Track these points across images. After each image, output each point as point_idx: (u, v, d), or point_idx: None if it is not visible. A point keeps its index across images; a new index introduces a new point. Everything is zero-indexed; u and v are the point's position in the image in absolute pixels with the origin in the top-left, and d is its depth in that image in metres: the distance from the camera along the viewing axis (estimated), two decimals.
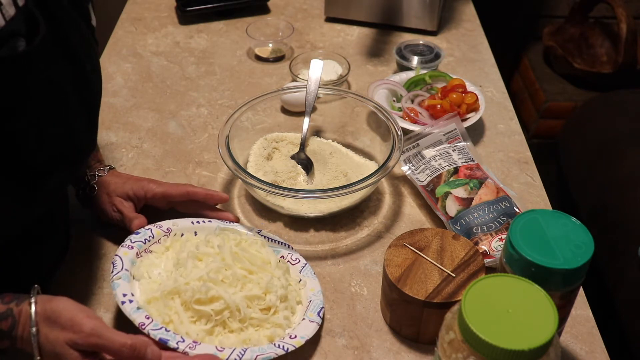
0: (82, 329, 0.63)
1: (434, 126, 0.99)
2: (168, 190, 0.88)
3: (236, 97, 1.19)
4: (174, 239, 0.85)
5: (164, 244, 0.84)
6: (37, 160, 0.65)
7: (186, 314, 0.74)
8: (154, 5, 1.46)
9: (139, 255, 0.81)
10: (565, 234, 0.66)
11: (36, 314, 0.64)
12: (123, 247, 0.81)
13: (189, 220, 0.87)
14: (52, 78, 0.64)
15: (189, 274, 0.76)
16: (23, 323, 0.64)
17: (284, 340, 0.73)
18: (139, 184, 0.88)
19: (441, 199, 0.91)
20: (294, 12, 1.45)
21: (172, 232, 0.85)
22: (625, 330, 1.25)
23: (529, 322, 0.56)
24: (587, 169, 1.57)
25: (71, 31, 0.68)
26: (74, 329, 0.63)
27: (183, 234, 0.86)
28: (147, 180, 0.89)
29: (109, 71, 1.25)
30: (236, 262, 0.79)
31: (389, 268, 0.76)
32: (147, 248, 0.83)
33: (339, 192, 0.86)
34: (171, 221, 0.86)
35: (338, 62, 1.22)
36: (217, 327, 0.74)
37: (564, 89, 1.97)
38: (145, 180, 0.89)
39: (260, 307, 0.76)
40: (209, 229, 0.87)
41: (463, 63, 1.30)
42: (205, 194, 0.88)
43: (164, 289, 0.75)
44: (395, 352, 0.78)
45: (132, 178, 0.90)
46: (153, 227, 0.85)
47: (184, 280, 0.75)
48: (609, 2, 1.84)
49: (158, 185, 0.88)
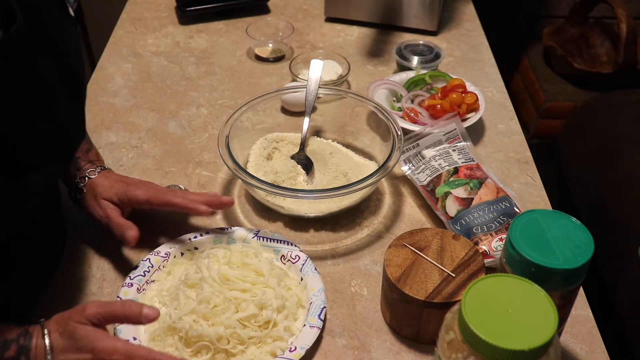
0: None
1: (434, 126, 0.99)
2: (150, 199, 0.84)
3: (236, 97, 1.19)
4: (174, 261, 0.85)
5: (164, 270, 0.84)
6: (26, 155, 0.64)
7: (186, 350, 0.74)
8: (154, 5, 1.46)
9: (140, 290, 0.81)
10: (565, 234, 0.66)
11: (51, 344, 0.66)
12: (123, 287, 0.80)
13: (187, 237, 0.87)
14: (36, 71, 0.63)
15: (182, 308, 0.76)
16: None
17: (283, 356, 0.73)
18: (124, 190, 0.85)
19: (441, 199, 0.91)
20: (294, 12, 1.45)
21: (171, 254, 0.85)
22: (625, 330, 1.25)
23: (529, 322, 0.56)
24: (587, 169, 1.57)
25: (51, 22, 0.67)
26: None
27: (183, 253, 0.86)
28: (134, 185, 0.86)
29: (109, 71, 1.25)
30: (225, 285, 0.78)
31: (389, 268, 0.76)
32: (149, 279, 0.82)
33: (339, 192, 0.86)
34: (168, 244, 0.86)
35: (338, 62, 1.22)
36: (218, 354, 0.74)
37: (564, 89, 1.97)
38: (132, 184, 0.86)
39: (258, 323, 0.76)
40: (208, 242, 0.87)
41: (463, 63, 1.30)
42: (185, 207, 0.84)
43: (162, 325, 0.76)
44: (395, 352, 0.78)
45: (120, 181, 0.87)
46: (151, 257, 0.84)
47: (178, 315, 0.75)
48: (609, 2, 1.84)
49: (143, 191, 0.85)
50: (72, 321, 0.67)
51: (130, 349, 0.66)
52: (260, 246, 0.86)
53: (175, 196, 0.84)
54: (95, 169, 0.88)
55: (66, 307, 0.70)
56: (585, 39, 2.01)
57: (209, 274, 0.79)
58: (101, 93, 1.19)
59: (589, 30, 2.01)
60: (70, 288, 0.84)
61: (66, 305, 0.81)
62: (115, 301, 0.69)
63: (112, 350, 0.65)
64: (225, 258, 0.83)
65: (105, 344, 0.65)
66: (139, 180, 0.89)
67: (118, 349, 0.65)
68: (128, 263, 0.87)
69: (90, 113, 1.14)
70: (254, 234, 0.88)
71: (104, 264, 0.87)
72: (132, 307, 0.67)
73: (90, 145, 0.92)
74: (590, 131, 1.66)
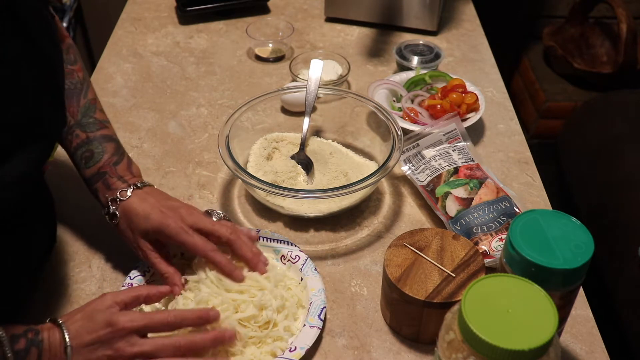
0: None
1: (434, 126, 0.99)
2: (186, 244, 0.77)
3: (236, 97, 1.19)
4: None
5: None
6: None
7: None
8: (154, 5, 1.46)
9: None
10: (565, 234, 0.66)
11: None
12: (123, 287, 0.80)
13: None
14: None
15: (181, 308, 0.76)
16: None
17: (283, 356, 0.73)
18: (158, 225, 0.77)
19: (441, 199, 0.91)
20: (294, 12, 1.45)
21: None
22: (625, 330, 1.25)
23: (529, 322, 0.56)
24: (587, 169, 1.57)
25: (20, 5, 0.65)
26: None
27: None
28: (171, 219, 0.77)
29: (109, 71, 1.25)
30: (222, 286, 0.77)
31: (389, 268, 0.76)
32: (149, 279, 0.83)
33: (339, 192, 0.86)
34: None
35: (338, 62, 1.22)
36: (218, 353, 0.73)
37: (564, 89, 1.97)
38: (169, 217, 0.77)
39: (258, 324, 0.76)
40: None
41: (463, 63, 1.30)
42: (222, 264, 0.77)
43: None
44: (395, 352, 0.78)
45: (155, 209, 0.78)
46: None
47: None
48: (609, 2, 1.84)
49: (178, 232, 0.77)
50: (89, 306, 0.68)
51: (147, 315, 0.68)
52: (260, 246, 0.86)
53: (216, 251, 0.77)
54: (127, 188, 0.80)
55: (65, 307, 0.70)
56: (585, 39, 2.01)
57: (206, 276, 0.78)
58: (101, 93, 1.19)
59: (589, 30, 2.01)
60: (70, 288, 0.84)
61: (66, 305, 0.81)
62: (131, 288, 0.72)
63: (131, 319, 0.67)
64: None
65: (123, 316, 0.67)
66: (176, 206, 0.80)
67: (136, 318, 0.67)
68: (128, 263, 0.87)
69: None
70: None
71: (104, 264, 0.87)
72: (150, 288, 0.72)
73: (120, 157, 0.84)
74: (590, 131, 1.66)
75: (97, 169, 0.82)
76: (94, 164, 0.82)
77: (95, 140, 0.83)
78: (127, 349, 0.66)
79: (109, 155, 0.82)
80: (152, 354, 0.67)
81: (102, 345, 0.66)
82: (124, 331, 0.66)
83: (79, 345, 0.65)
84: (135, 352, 0.66)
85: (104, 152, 0.82)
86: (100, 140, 0.83)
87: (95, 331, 0.66)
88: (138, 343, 0.67)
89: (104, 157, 0.82)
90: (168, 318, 0.68)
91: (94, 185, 0.82)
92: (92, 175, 0.82)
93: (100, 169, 0.81)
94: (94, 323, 0.66)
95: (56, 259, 0.88)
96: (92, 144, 0.82)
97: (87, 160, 0.82)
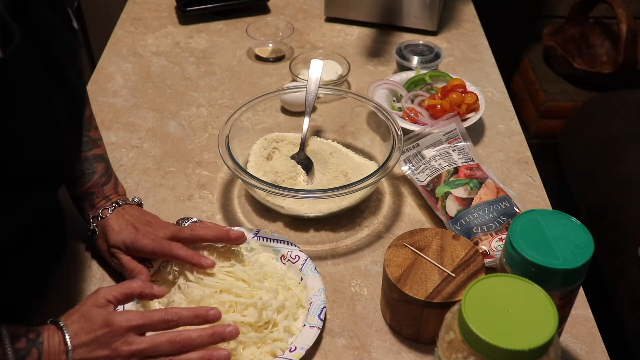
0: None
1: (434, 126, 0.99)
2: (156, 251, 0.80)
3: (236, 97, 1.19)
4: (174, 262, 0.84)
5: (165, 270, 0.83)
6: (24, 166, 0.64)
7: None
8: (154, 5, 1.46)
9: None
10: (565, 234, 0.66)
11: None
12: None
13: None
14: (34, 86, 0.63)
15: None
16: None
17: (283, 356, 0.73)
18: (132, 239, 0.81)
19: (441, 199, 0.91)
20: (294, 12, 1.45)
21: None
22: (625, 330, 1.25)
23: (529, 322, 0.56)
24: (587, 169, 1.57)
25: (51, 37, 0.67)
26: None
27: None
28: (142, 234, 0.81)
29: (109, 71, 1.25)
30: (209, 282, 0.78)
31: (389, 268, 0.76)
32: (149, 279, 0.82)
33: (339, 192, 0.86)
34: None
35: (338, 62, 1.22)
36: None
37: (564, 89, 1.97)
38: (141, 232, 0.81)
39: (259, 324, 0.75)
40: None
41: (463, 63, 1.30)
42: (189, 261, 0.80)
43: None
44: (395, 352, 0.78)
45: (131, 225, 0.82)
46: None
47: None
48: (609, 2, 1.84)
49: (150, 241, 0.80)
50: (84, 305, 0.68)
51: (145, 312, 0.68)
52: (260, 246, 0.86)
53: (180, 248, 0.80)
54: (109, 207, 0.84)
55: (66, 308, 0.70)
56: (585, 39, 2.01)
57: (194, 277, 0.78)
58: (101, 93, 1.19)
59: (589, 30, 2.01)
60: (70, 288, 0.84)
61: (66, 305, 0.81)
62: (124, 282, 0.72)
63: (128, 318, 0.67)
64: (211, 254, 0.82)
65: (120, 315, 0.67)
66: (150, 221, 0.84)
67: (133, 317, 0.67)
68: None
69: None
70: (254, 234, 0.88)
71: (104, 264, 0.87)
72: (144, 282, 0.72)
73: (108, 178, 0.88)
74: (590, 131, 1.66)
75: (86, 189, 0.86)
76: (83, 184, 0.86)
77: (86, 160, 0.86)
78: (125, 348, 0.66)
79: (98, 176, 0.86)
80: (149, 351, 0.67)
81: (100, 345, 0.66)
82: (121, 330, 0.66)
83: (77, 345, 0.66)
84: (133, 351, 0.66)
85: (94, 173, 0.86)
86: (92, 160, 0.87)
87: (93, 331, 0.66)
88: (135, 342, 0.67)
89: (93, 178, 0.86)
90: (165, 317, 0.69)
91: (80, 203, 0.86)
92: (80, 194, 0.86)
93: (89, 189, 0.86)
94: (91, 323, 0.66)
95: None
96: (84, 164, 0.86)
97: (76, 179, 0.86)
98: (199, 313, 0.70)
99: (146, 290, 0.72)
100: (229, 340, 0.72)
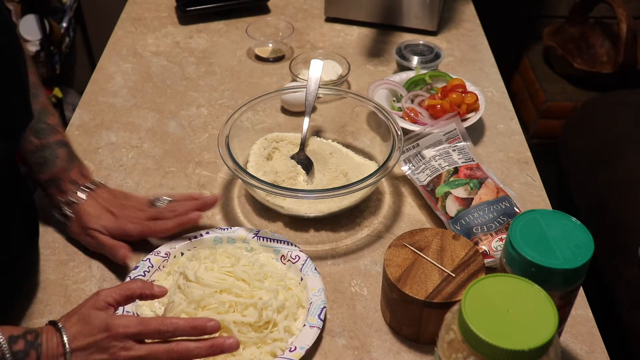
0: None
1: (434, 126, 0.99)
2: (144, 233, 0.86)
3: (236, 97, 1.19)
4: (174, 261, 0.85)
5: (164, 270, 0.84)
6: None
7: None
8: (154, 5, 1.46)
9: None
10: (565, 234, 0.66)
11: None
12: None
13: (187, 237, 0.87)
14: None
15: (175, 310, 0.76)
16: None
17: (283, 356, 0.73)
18: (115, 225, 0.85)
19: (441, 199, 0.91)
20: (294, 12, 1.45)
21: (171, 255, 0.85)
22: (625, 330, 1.25)
23: (529, 322, 0.56)
24: (587, 169, 1.57)
25: None
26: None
27: (183, 253, 0.86)
28: (124, 219, 0.85)
29: (109, 71, 1.25)
30: (211, 285, 0.77)
31: (389, 268, 0.76)
32: (149, 279, 0.82)
33: (339, 192, 0.86)
34: (168, 244, 0.86)
35: (338, 62, 1.22)
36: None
37: (564, 89, 1.97)
38: (121, 217, 0.85)
39: (259, 324, 0.75)
40: (208, 242, 0.87)
41: (463, 63, 1.30)
42: (177, 228, 0.85)
43: None
44: (395, 352, 0.78)
45: (107, 211, 0.86)
46: (151, 256, 0.84)
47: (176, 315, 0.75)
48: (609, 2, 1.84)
49: (134, 226, 0.85)
50: (84, 307, 0.68)
51: (142, 320, 0.68)
52: (260, 246, 0.86)
53: (165, 223, 0.85)
54: (80, 191, 0.86)
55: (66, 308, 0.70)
56: (585, 39, 2.01)
57: (194, 277, 0.78)
58: (101, 93, 1.19)
59: (589, 30, 2.01)
60: (70, 288, 0.84)
61: (66, 305, 0.81)
62: (124, 283, 0.72)
63: (126, 324, 0.67)
64: (208, 259, 0.82)
65: (119, 320, 0.67)
66: (124, 204, 0.87)
67: (131, 323, 0.67)
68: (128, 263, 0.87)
69: (90, 113, 1.14)
70: (254, 234, 0.88)
71: (104, 264, 0.87)
72: (144, 283, 0.72)
73: (72, 162, 0.89)
74: (590, 131, 1.66)
75: (51, 175, 0.86)
76: (47, 170, 0.86)
77: (48, 147, 0.87)
78: (123, 353, 0.66)
79: (62, 162, 0.87)
80: (146, 358, 0.67)
81: (98, 349, 0.66)
82: (119, 336, 0.66)
83: (75, 348, 0.65)
84: (130, 357, 0.66)
85: (57, 158, 0.87)
86: (54, 147, 0.87)
87: (91, 335, 0.66)
88: (134, 348, 0.66)
89: (57, 164, 0.87)
90: (161, 327, 0.68)
91: (47, 190, 0.87)
92: (46, 181, 0.87)
93: (55, 174, 0.86)
94: (90, 326, 0.66)
95: (55, 259, 0.88)
96: (46, 151, 0.86)
97: (40, 166, 0.86)
98: (197, 324, 0.69)
99: (146, 291, 0.72)
100: (228, 353, 0.72)
